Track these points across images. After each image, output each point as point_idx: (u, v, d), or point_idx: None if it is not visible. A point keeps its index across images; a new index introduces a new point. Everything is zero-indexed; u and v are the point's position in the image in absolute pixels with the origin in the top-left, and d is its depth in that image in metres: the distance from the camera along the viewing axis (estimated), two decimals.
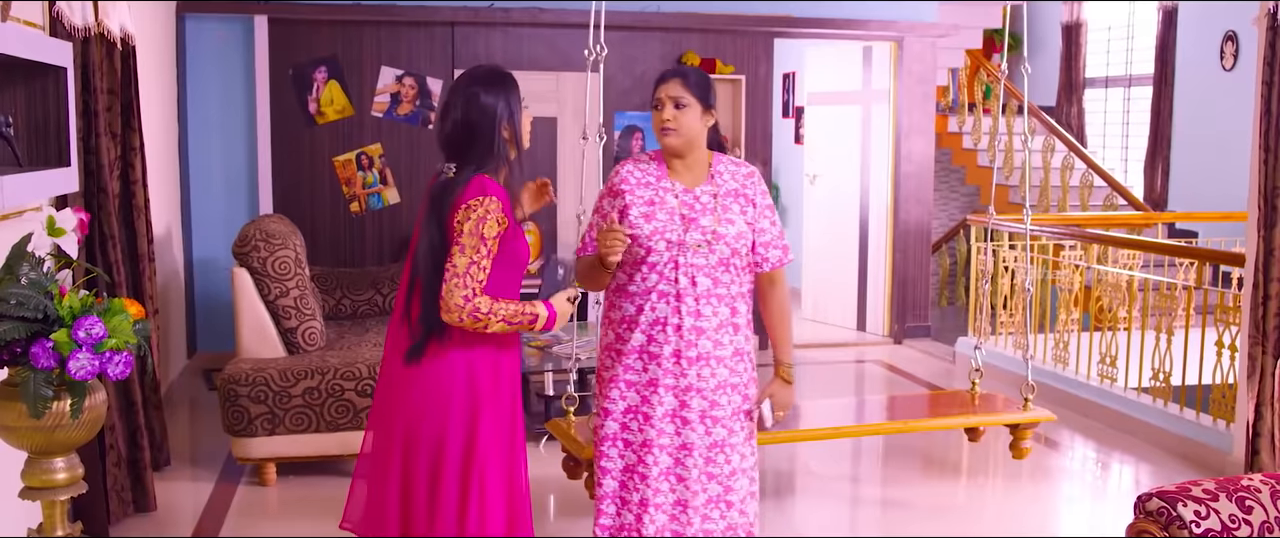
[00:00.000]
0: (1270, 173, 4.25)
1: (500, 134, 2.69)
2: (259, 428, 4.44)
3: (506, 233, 2.66)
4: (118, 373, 2.69)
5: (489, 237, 2.60)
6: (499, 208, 2.62)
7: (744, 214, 2.93)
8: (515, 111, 2.72)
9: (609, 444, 2.95)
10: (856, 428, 4.50)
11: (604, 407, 2.95)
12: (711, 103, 2.94)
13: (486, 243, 2.60)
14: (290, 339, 4.72)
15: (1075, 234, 6.35)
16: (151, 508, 4.19)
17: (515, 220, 2.72)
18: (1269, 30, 4.22)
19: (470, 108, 2.68)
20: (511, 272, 2.73)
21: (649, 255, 2.87)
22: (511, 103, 2.70)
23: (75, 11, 3.77)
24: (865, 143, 7.97)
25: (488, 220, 2.60)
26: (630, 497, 2.91)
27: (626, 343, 2.91)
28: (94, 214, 3.96)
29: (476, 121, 2.67)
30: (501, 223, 2.63)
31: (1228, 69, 8.52)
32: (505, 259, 2.69)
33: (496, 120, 2.68)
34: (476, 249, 2.60)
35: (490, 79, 2.71)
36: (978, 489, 4.85)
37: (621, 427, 2.93)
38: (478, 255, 2.60)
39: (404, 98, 6.77)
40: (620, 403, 2.92)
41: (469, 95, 2.68)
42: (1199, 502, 2.55)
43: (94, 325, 2.63)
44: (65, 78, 3.30)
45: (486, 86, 2.69)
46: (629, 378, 2.91)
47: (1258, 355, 4.34)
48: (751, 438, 3.01)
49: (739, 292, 2.94)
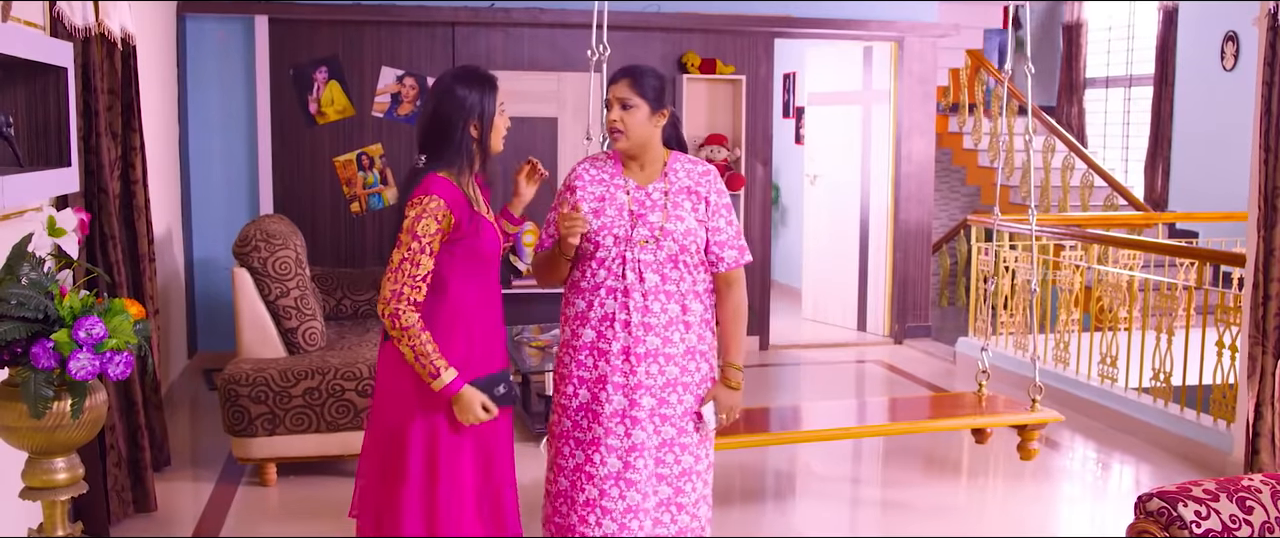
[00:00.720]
0: (1270, 173, 4.25)
1: (467, 131, 2.73)
2: (259, 428, 4.44)
3: (461, 230, 2.69)
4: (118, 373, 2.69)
5: (423, 235, 2.64)
6: (440, 207, 2.65)
7: (696, 212, 2.93)
8: (487, 111, 2.74)
9: (562, 442, 2.95)
10: (862, 429, 4.50)
11: (559, 403, 2.97)
12: (662, 103, 2.93)
13: (421, 241, 2.64)
14: (291, 339, 4.72)
15: (1076, 234, 6.35)
16: (152, 508, 4.19)
17: (473, 214, 2.72)
18: (1269, 30, 4.22)
19: (443, 101, 2.73)
20: (476, 265, 2.76)
21: (597, 251, 2.89)
22: (485, 102, 2.73)
23: (76, 12, 3.77)
24: (866, 143, 7.97)
25: (423, 219, 2.64)
26: (577, 497, 2.90)
27: (579, 339, 2.92)
28: (95, 214, 3.96)
29: (446, 115, 2.72)
30: (443, 221, 2.66)
31: (1228, 69, 8.52)
32: (465, 254, 2.73)
33: (465, 116, 2.72)
34: (409, 247, 2.65)
35: (468, 76, 2.75)
36: (978, 490, 4.85)
37: (573, 424, 2.92)
38: (410, 253, 2.64)
39: (404, 98, 6.77)
40: (573, 400, 2.93)
41: (444, 89, 2.73)
42: (1199, 502, 2.55)
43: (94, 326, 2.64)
44: (66, 78, 3.30)
45: (463, 83, 2.73)
46: (581, 375, 2.92)
47: (1258, 355, 4.34)
48: (707, 440, 3.00)
49: (691, 289, 2.93)
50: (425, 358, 2.64)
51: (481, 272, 2.77)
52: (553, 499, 2.96)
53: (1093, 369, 5.88)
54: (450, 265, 2.71)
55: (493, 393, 2.75)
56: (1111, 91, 10.21)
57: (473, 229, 2.71)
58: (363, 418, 4.50)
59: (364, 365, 4.52)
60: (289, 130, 6.65)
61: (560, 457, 2.95)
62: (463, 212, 2.70)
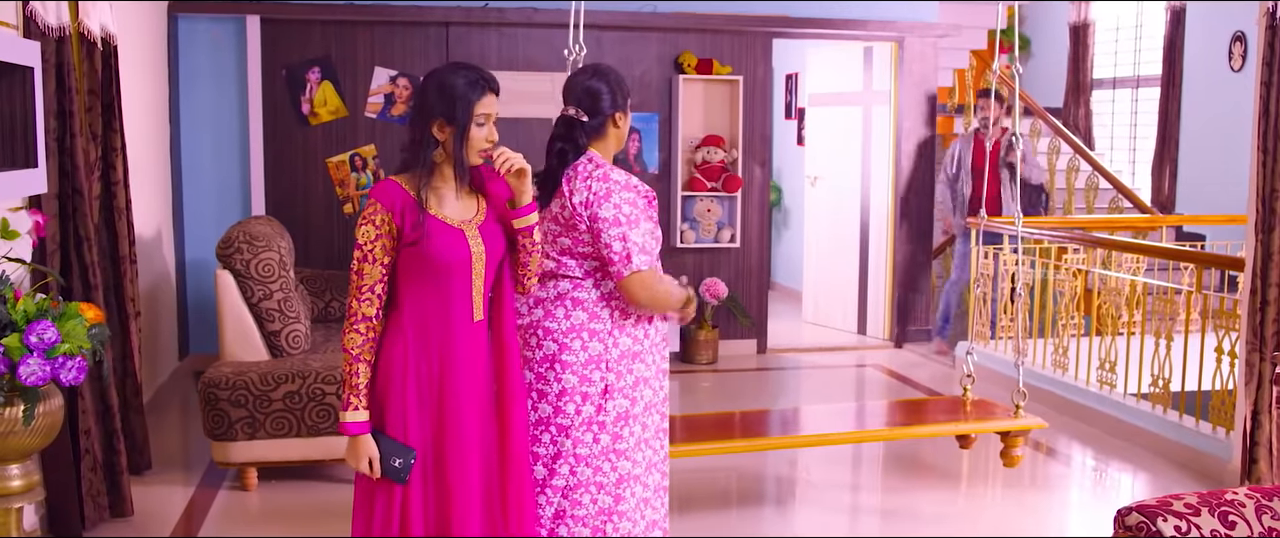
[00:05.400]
0: (1268, 175, 4.15)
1: (428, 132, 2.61)
2: (239, 432, 4.39)
3: (407, 236, 2.58)
4: (71, 379, 2.64)
5: (363, 242, 2.58)
6: (376, 210, 2.57)
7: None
8: (459, 116, 2.58)
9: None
10: (845, 435, 4.42)
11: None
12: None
13: (361, 248, 2.58)
14: (274, 342, 4.67)
15: (1071, 237, 6.24)
16: (128, 513, 4.13)
17: (420, 218, 2.58)
18: (1267, 30, 4.13)
19: (417, 96, 2.65)
20: (427, 274, 2.61)
21: None
22: (459, 105, 2.58)
23: (50, 11, 3.73)
24: (866, 144, 7.89)
25: (363, 225, 2.59)
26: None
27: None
28: (69, 216, 3.91)
29: (414, 111, 2.65)
30: (382, 226, 2.57)
31: (1236, 70, 8.39)
32: (420, 266, 2.61)
33: (428, 116, 2.61)
34: (354, 255, 2.61)
35: (449, 74, 2.62)
36: (973, 497, 4.76)
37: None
38: (355, 262, 2.60)
39: (398, 99, 6.72)
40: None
41: (422, 85, 2.64)
42: (1180, 517, 2.47)
43: (47, 330, 2.59)
44: (32, 78, 3.25)
45: (442, 80, 2.61)
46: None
47: (1255, 362, 4.24)
48: None
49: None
50: (346, 387, 2.58)
51: (436, 281, 2.63)
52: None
53: (1091, 375, 5.79)
54: (406, 275, 2.62)
55: (388, 460, 2.62)
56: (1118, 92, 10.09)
57: (418, 234, 2.58)
58: None
59: None
60: (281, 131, 6.60)
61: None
62: (408, 215, 2.58)
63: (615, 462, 2.93)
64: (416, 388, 2.64)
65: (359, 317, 2.57)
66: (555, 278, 2.94)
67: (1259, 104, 4.21)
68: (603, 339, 2.91)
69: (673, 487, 4.66)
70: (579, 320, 2.90)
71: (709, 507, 4.54)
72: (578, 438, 2.89)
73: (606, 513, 2.91)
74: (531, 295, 2.92)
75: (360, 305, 2.57)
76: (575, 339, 2.89)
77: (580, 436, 2.90)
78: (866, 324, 7.97)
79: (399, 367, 2.62)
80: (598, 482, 2.91)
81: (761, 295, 7.36)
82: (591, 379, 2.89)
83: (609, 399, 2.91)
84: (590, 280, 2.92)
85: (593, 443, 2.90)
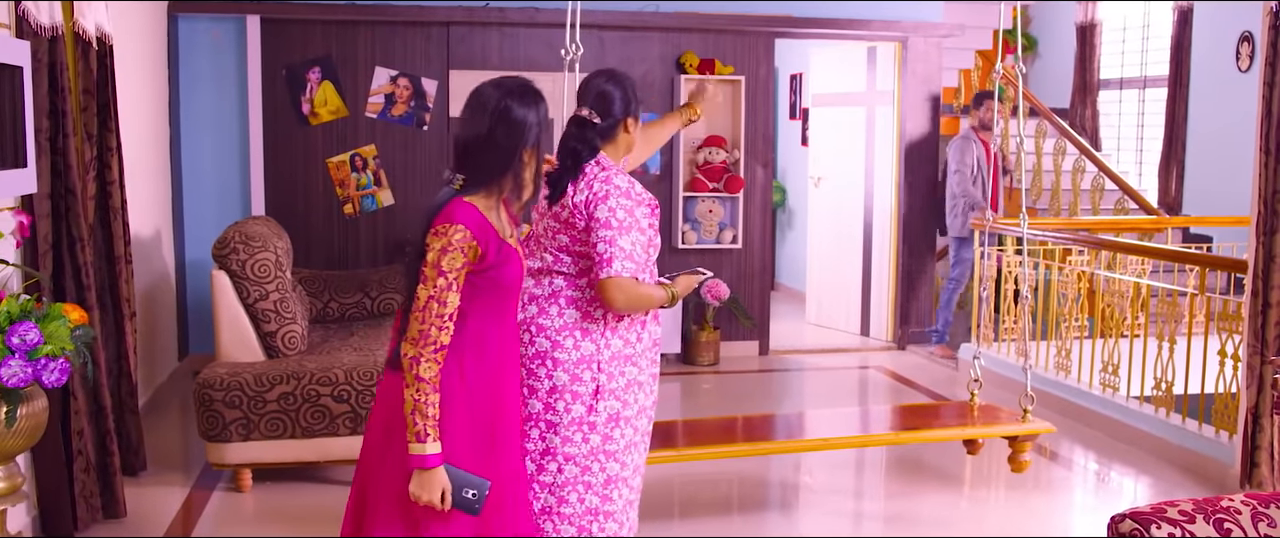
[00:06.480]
0: (1270, 176, 4.10)
1: (520, 158, 2.58)
2: (234, 433, 4.37)
3: (487, 260, 2.55)
4: (53, 381, 2.62)
5: (449, 269, 2.49)
6: (465, 237, 2.51)
7: None
8: (541, 137, 2.61)
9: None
10: (851, 439, 4.37)
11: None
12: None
13: (446, 276, 2.49)
14: (270, 343, 4.65)
15: (1074, 239, 6.19)
16: (121, 514, 4.12)
17: (501, 243, 2.58)
18: (1270, 29, 4.08)
19: (499, 122, 2.55)
20: (498, 299, 2.62)
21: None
22: (540, 128, 2.60)
23: (42, 11, 3.71)
24: (869, 145, 7.84)
25: (449, 252, 2.49)
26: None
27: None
28: (62, 216, 3.90)
29: (500, 138, 2.55)
30: (469, 252, 2.51)
31: (1243, 70, 8.33)
32: (488, 286, 2.59)
33: (520, 142, 2.57)
34: (435, 283, 2.49)
35: (526, 95, 2.59)
36: (976, 501, 4.71)
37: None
38: (437, 290, 2.49)
39: (398, 99, 6.70)
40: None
41: (500, 108, 2.55)
42: (1174, 524, 2.43)
43: (29, 331, 2.57)
44: (22, 77, 3.24)
45: (523, 103, 2.58)
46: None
47: (1256, 365, 4.19)
48: None
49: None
50: (422, 417, 2.47)
51: (502, 305, 2.63)
52: None
53: (1094, 378, 5.74)
54: (471, 298, 2.56)
55: (460, 491, 2.56)
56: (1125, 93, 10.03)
57: (499, 259, 2.57)
58: (340, 424, 4.42)
59: (340, 370, 4.45)
60: (281, 131, 6.59)
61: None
62: (490, 241, 2.55)
63: (604, 463, 2.92)
64: (468, 412, 2.59)
65: (438, 345, 2.48)
66: (551, 274, 2.94)
67: (1262, 104, 4.16)
68: (595, 339, 2.90)
69: (675, 491, 4.66)
70: (572, 319, 2.90)
71: (712, 512, 4.52)
72: (567, 436, 2.89)
73: (593, 513, 2.90)
74: (527, 292, 2.92)
75: (439, 334, 2.48)
76: (568, 337, 2.89)
77: (570, 435, 2.89)
78: (869, 326, 7.93)
79: (456, 392, 2.58)
80: (586, 482, 2.90)
81: (764, 297, 7.32)
82: (582, 378, 2.89)
83: (600, 400, 2.90)
84: (585, 279, 2.92)
85: (582, 443, 2.90)
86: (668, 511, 4.45)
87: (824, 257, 8.34)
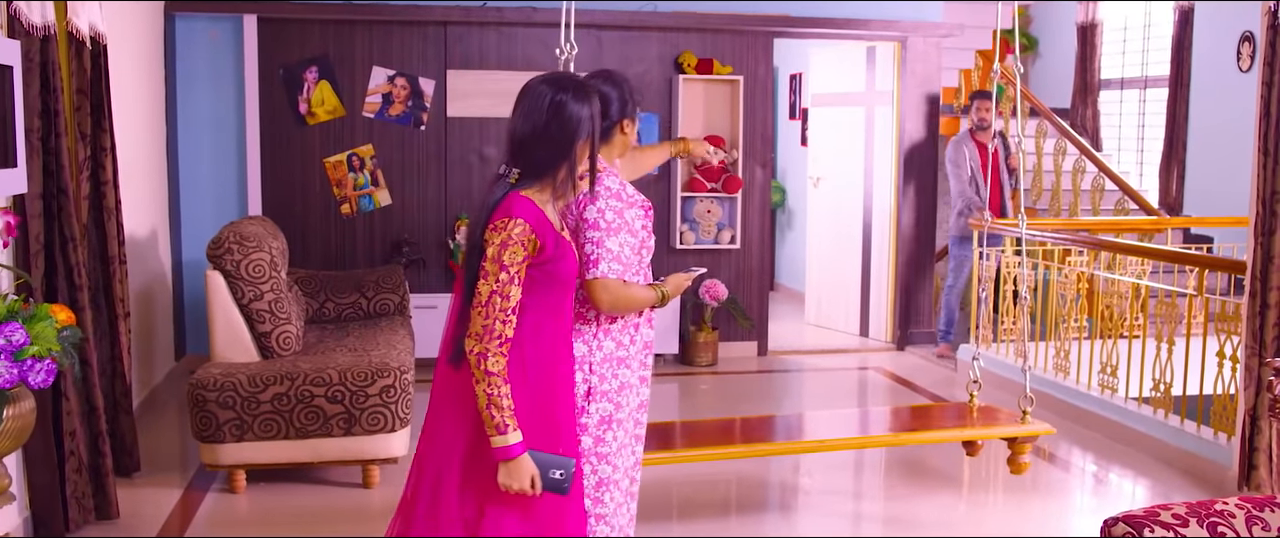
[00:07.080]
0: (1269, 176, 4.08)
1: (577, 152, 2.61)
2: (227, 434, 4.36)
3: (545, 253, 2.57)
4: (39, 382, 2.60)
5: (511, 263, 2.51)
6: (525, 231, 2.53)
7: None
8: (597, 131, 2.64)
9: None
10: (850, 440, 4.34)
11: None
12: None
13: (508, 270, 2.51)
14: (264, 343, 4.64)
15: (1073, 239, 6.17)
16: (113, 515, 4.10)
17: (558, 237, 2.61)
18: (1268, 30, 4.06)
19: (556, 116, 2.57)
20: (555, 292, 2.64)
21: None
22: (596, 121, 2.63)
23: (34, 10, 3.70)
24: (868, 145, 7.82)
25: (510, 246, 2.51)
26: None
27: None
28: (54, 216, 3.88)
29: (556, 132, 2.57)
30: (529, 245, 2.54)
31: (1244, 70, 8.30)
32: (547, 281, 2.61)
33: (576, 135, 2.59)
34: (497, 278, 2.51)
35: (583, 91, 2.62)
36: (975, 503, 4.69)
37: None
38: (499, 284, 2.50)
39: (396, 98, 6.69)
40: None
41: (557, 103, 2.57)
42: (1167, 527, 2.41)
43: (15, 332, 2.55)
44: (11, 77, 3.23)
45: (579, 98, 2.60)
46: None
47: (1255, 366, 4.17)
48: None
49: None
50: (498, 410, 2.49)
51: (559, 298, 2.65)
52: None
53: (1093, 379, 5.72)
54: (529, 291, 2.57)
55: (547, 473, 2.57)
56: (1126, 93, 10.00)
57: (557, 253, 2.59)
58: (334, 425, 4.40)
59: (334, 371, 4.43)
60: (279, 131, 6.58)
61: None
62: (547, 234, 2.57)
63: (596, 465, 2.91)
64: (531, 402, 2.61)
65: (502, 339, 2.50)
66: None
67: (1260, 105, 4.14)
68: (587, 341, 2.89)
69: (674, 493, 4.64)
70: None
71: (710, 513, 4.50)
72: None
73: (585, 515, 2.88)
74: None
75: (503, 328, 2.50)
76: None
77: None
78: (868, 326, 7.91)
79: (520, 384, 2.59)
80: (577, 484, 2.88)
81: (763, 297, 7.30)
82: (574, 380, 2.87)
83: (592, 402, 2.89)
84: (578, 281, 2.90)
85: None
86: (666, 512, 4.43)
87: (823, 257, 8.32)
